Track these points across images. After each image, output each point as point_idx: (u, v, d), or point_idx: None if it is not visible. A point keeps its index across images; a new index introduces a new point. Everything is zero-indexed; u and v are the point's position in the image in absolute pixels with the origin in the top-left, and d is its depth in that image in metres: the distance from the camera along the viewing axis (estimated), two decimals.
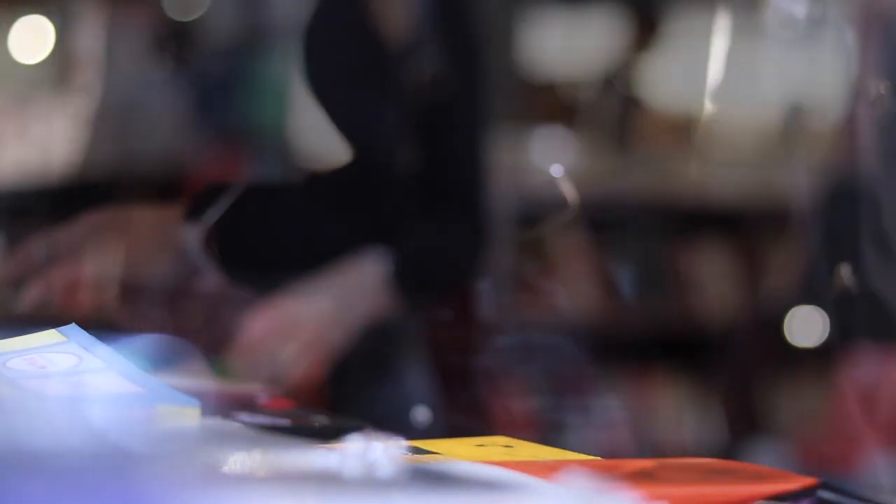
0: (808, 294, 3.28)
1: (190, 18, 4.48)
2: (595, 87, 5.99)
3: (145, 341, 0.87)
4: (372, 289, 1.47)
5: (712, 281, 3.96)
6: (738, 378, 4.02)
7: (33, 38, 7.48)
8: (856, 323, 2.46)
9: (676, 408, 4.12)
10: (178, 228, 1.45)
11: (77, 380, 0.79)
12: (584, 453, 0.89)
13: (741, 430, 3.99)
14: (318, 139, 4.69)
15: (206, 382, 0.94)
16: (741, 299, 3.97)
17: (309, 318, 1.40)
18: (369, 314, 1.49)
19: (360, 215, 1.52)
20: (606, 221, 3.90)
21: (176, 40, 4.61)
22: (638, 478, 0.71)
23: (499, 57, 6.26)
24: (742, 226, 4.02)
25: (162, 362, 0.90)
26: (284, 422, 0.83)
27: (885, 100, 2.26)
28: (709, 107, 3.80)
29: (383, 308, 1.50)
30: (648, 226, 4.06)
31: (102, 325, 0.89)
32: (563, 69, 6.72)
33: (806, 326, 3.73)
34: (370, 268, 1.46)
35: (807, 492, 0.73)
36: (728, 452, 3.82)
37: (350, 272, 1.45)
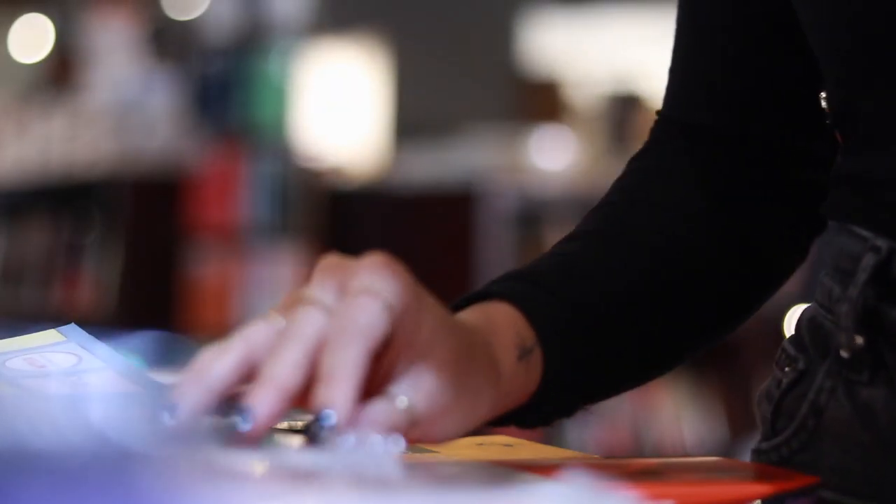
0: (808, 294, 3.28)
1: (190, 18, 4.48)
2: (595, 87, 5.99)
3: (144, 340, 0.87)
4: None
5: None
6: (738, 378, 4.02)
7: (33, 38, 7.49)
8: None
9: (676, 408, 4.12)
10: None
11: (77, 379, 0.79)
12: (586, 452, 0.89)
13: (741, 430, 3.99)
14: (318, 138, 4.69)
15: None
16: None
17: None
18: None
19: None
20: None
21: (176, 40, 4.61)
22: (640, 476, 0.71)
23: (499, 57, 6.27)
24: None
25: (161, 361, 0.90)
26: (285, 421, 0.83)
27: None
28: None
29: None
30: None
31: (102, 325, 0.88)
32: (563, 69, 6.72)
33: None
34: None
35: (807, 490, 0.72)
36: (728, 452, 3.82)
37: None
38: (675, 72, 0.95)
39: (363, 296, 0.69)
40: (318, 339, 0.68)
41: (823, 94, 0.91)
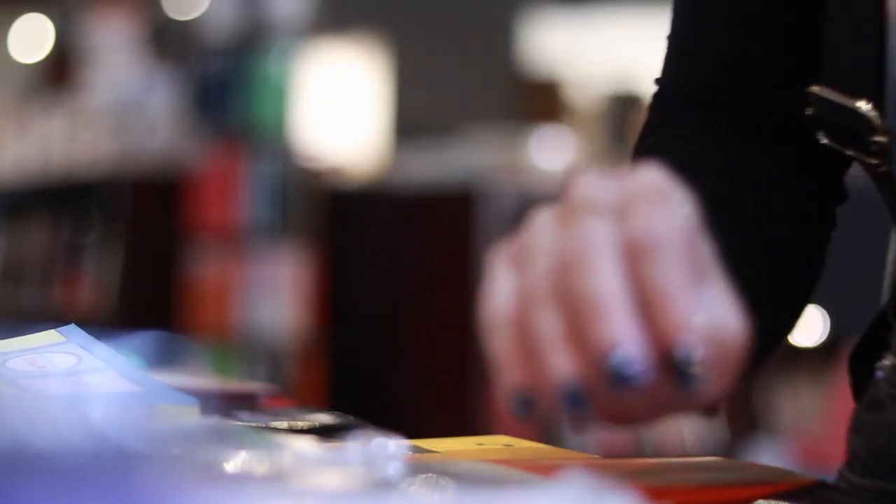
0: None
1: (190, 18, 4.48)
2: (595, 87, 5.99)
3: (144, 340, 0.87)
4: None
5: None
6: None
7: (33, 38, 7.49)
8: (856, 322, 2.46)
9: None
10: None
11: (77, 379, 0.79)
12: (586, 452, 0.89)
13: (741, 430, 3.99)
14: (317, 138, 4.69)
15: (207, 381, 0.94)
16: None
17: None
18: None
19: None
20: None
21: (176, 40, 4.61)
22: (640, 476, 0.71)
23: (499, 57, 6.27)
24: None
25: (161, 361, 0.90)
26: (285, 421, 0.83)
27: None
28: None
29: None
30: None
31: (102, 325, 0.88)
32: (563, 69, 6.73)
33: (806, 326, 3.73)
34: None
35: (807, 490, 0.72)
36: (728, 452, 3.82)
37: None
38: (679, 45, 0.89)
39: (662, 203, 0.58)
40: (620, 252, 0.57)
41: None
